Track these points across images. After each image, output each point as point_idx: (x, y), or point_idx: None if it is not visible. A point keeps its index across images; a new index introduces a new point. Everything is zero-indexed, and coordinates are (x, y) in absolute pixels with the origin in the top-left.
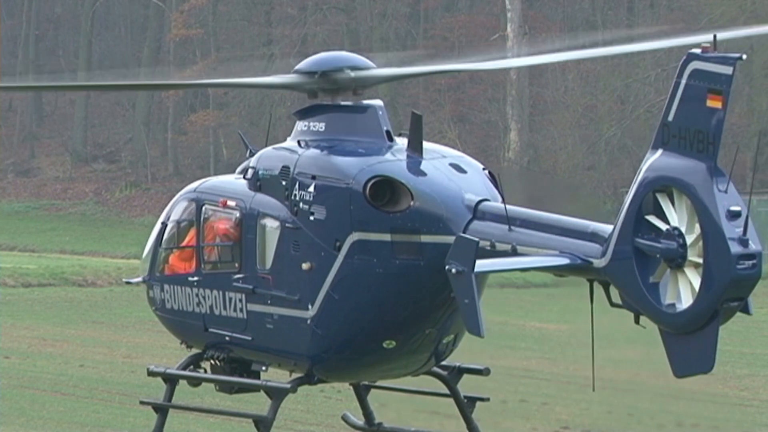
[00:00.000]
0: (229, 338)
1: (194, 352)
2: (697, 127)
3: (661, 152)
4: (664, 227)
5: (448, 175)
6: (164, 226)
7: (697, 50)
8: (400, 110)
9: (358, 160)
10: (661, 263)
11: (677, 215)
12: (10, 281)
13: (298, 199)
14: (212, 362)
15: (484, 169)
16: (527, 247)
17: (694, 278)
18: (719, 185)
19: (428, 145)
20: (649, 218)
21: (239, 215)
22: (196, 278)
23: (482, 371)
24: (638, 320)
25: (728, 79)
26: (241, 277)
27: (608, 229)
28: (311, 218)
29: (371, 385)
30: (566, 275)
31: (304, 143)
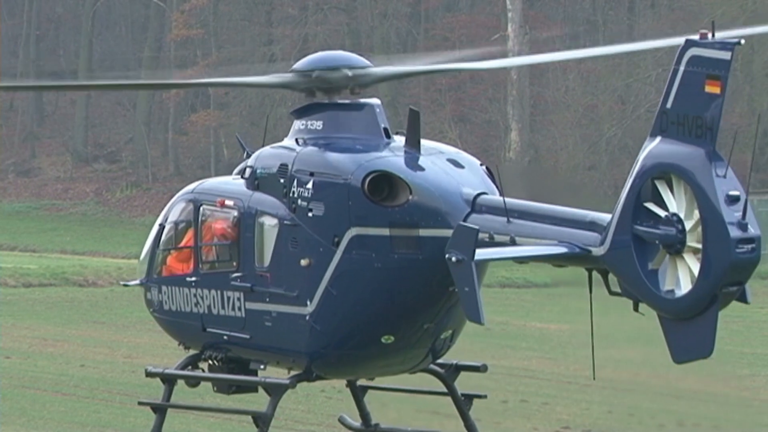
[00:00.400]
0: (227, 337)
1: (192, 352)
2: (695, 113)
3: (659, 139)
4: (663, 214)
5: (445, 169)
6: (162, 227)
7: (695, 37)
8: (400, 110)
9: (356, 156)
10: (660, 250)
11: (676, 201)
12: (11, 281)
13: (296, 196)
14: (210, 362)
15: (481, 164)
16: (526, 237)
17: (693, 264)
18: (718, 170)
19: (426, 142)
20: (647, 205)
21: (237, 214)
22: (194, 278)
23: (479, 368)
24: (637, 308)
25: (727, 64)
26: (239, 275)
27: (607, 218)
28: (310, 215)
29: (368, 386)
30: (565, 265)
31: (302, 141)
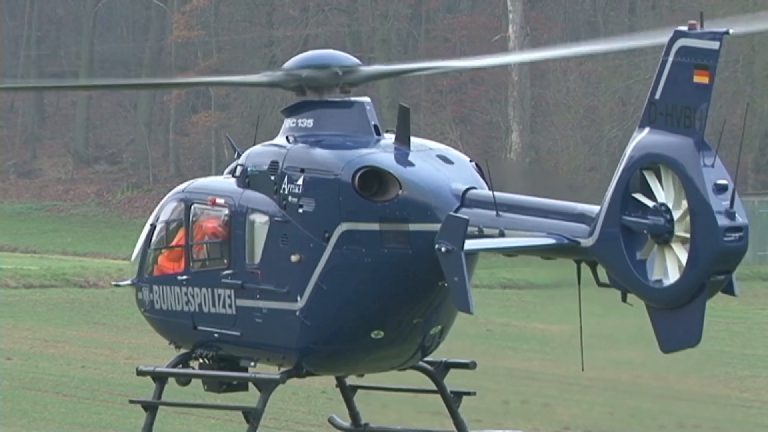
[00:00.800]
0: (217, 335)
1: (183, 351)
2: (684, 103)
3: (648, 130)
4: (651, 204)
5: (435, 165)
6: (153, 227)
7: (683, 28)
8: None
9: (346, 152)
10: (648, 240)
11: (664, 192)
12: (11, 282)
13: (287, 192)
14: (201, 361)
15: (471, 161)
16: (515, 230)
17: (681, 253)
18: (706, 159)
19: (415, 139)
20: (636, 196)
21: (228, 212)
22: (185, 277)
23: (468, 365)
24: (625, 298)
25: (715, 54)
26: (229, 273)
27: (596, 209)
28: (300, 211)
29: (357, 385)
30: (554, 257)
31: (292, 139)
